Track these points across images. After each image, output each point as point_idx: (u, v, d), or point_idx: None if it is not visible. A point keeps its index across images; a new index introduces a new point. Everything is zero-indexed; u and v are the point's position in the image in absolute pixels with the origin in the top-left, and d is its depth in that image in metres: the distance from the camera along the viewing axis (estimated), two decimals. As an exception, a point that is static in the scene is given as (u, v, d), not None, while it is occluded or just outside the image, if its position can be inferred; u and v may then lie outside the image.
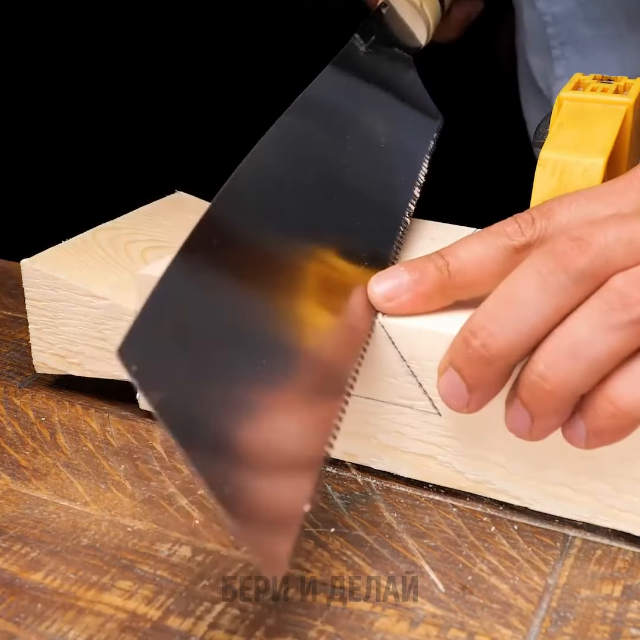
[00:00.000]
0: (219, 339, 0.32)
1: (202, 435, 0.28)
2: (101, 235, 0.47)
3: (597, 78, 0.45)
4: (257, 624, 0.32)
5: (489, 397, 0.34)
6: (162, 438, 0.42)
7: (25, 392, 0.46)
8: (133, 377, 0.27)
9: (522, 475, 0.37)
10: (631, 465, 0.35)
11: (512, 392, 0.33)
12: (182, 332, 0.30)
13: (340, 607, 0.33)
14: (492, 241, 0.36)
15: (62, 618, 0.32)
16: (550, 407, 0.32)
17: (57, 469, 0.40)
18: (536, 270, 0.32)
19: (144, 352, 0.28)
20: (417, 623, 0.32)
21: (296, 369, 0.33)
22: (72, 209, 0.68)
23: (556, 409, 0.32)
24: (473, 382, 0.33)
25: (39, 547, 0.35)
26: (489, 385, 0.34)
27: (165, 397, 0.27)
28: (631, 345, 0.31)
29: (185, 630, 0.32)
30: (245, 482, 0.29)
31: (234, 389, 0.31)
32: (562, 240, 0.32)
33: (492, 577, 0.34)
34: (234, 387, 0.31)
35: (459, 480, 0.38)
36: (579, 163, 0.40)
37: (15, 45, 0.75)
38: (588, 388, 0.32)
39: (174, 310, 0.31)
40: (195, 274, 0.32)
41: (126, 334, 0.27)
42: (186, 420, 0.28)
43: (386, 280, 0.37)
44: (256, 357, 0.32)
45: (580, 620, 0.32)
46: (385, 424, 0.39)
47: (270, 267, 0.36)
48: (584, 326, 0.32)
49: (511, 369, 0.33)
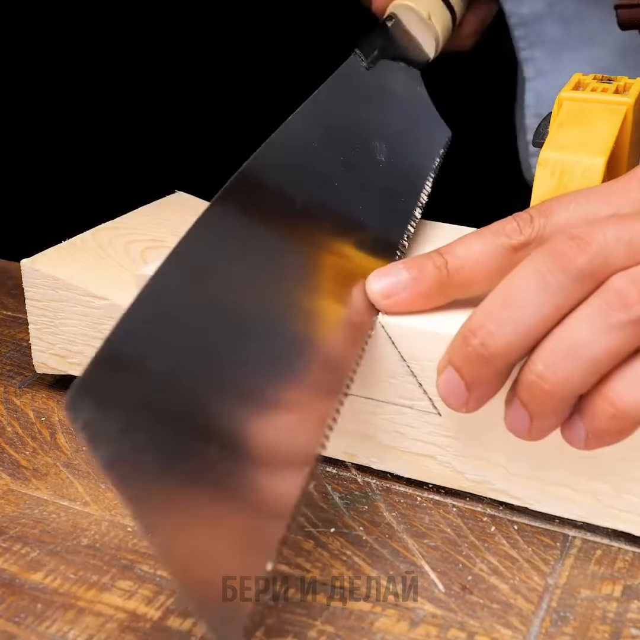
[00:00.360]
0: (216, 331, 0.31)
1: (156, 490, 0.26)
2: (101, 235, 0.47)
3: (597, 78, 0.45)
4: (257, 624, 0.32)
5: (488, 397, 0.34)
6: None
7: (25, 392, 0.46)
8: (79, 431, 0.25)
9: (522, 476, 0.37)
10: (631, 465, 0.35)
11: (512, 392, 0.33)
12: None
13: (340, 607, 0.33)
14: (491, 239, 0.36)
15: (62, 618, 0.32)
16: (549, 407, 0.32)
17: (57, 469, 0.40)
18: (535, 269, 0.32)
19: (91, 405, 0.26)
20: (417, 623, 0.32)
21: (298, 362, 0.33)
22: (72, 209, 0.68)
23: (555, 409, 0.32)
24: (472, 380, 0.33)
25: (39, 547, 0.35)
26: (487, 384, 0.34)
27: (115, 453, 0.26)
28: (630, 345, 0.31)
29: (185, 630, 0.32)
30: (196, 544, 0.27)
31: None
32: (561, 239, 0.32)
33: (492, 577, 0.34)
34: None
35: (459, 481, 0.38)
36: (579, 163, 0.40)
37: (14, 46, 0.75)
38: (587, 388, 0.32)
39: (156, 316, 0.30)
40: (195, 262, 0.32)
41: (71, 388, 0.25)
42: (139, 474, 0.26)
43: (384, 277, 0.37)
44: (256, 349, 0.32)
45: (580, 620, 0.32)
46: (385, 424, 0.39)
47: (279, 255, 0.36)
48: (583, 326, 0.32)
49: (510, 368, 0.33)
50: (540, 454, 0.36)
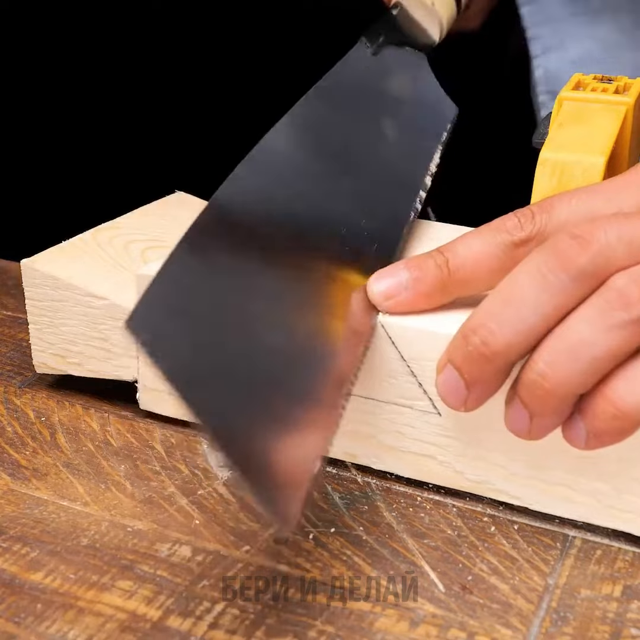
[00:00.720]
0: (225, 319, 0.32)
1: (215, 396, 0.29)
2: (101, 235, 0.47)
3: (597, 78, 0.45)
4: (257, 624, 0.32)
5: (487, 396, 0.34)
6: (162, 438, 0.42)
7: (25, 392, 0.46)
8: (142, 345, 0.27)
9: (522, 476, 0.37)
10: (631, 466, 0.35)
11: (512, 391, 0.33)
12: (189, 307, 0.31)
13: (340, 607, 0.33)
14: (492, 237, 0.36)
15: (62, 618, 0.32)
16: (550, 406, 0.32)
17: (57, 469, 0.40)
18: (536, 268, 0.32)
19: (153, 323, 0.29)
20: (417, 623, 0.32)
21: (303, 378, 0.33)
22: (72, 209, 0.68)
23: (555, 408, 0.32)
24: (471, 379, 0.33)
25: (39, 547, 0.35)
26: (487, 383, 0.34)
27: (174, 364, 0.28)
28: (632, 345, 0.31)
29: (185, 630, 0.32)
30: (259, 440, 0.29)
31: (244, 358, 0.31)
32: (562, 238, 0.32)
33: (492, 577, 0.34)
34: (244, 357, 0.31)
35: (459, 481, 0.38)
36: (579, 163, 0.40)
37: (14, 45, 0.75)
38: (588, 388, 0.32)
39: (181, 288, 0.31)
40: (202, 258, 0.33)
41: (134, 307, 0.28)
42: (199, 384, 0.29)
43: (386, 278, 0.37)
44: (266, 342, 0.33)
45: (580, 620, 0.32)
46: (386, 424, 0.39)
47: (277, 259, 0.36)
48: (584, 326, 0.32)
49: (510, 367, 0.33)
50: (540, 454, 0.36)
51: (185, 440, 0.42)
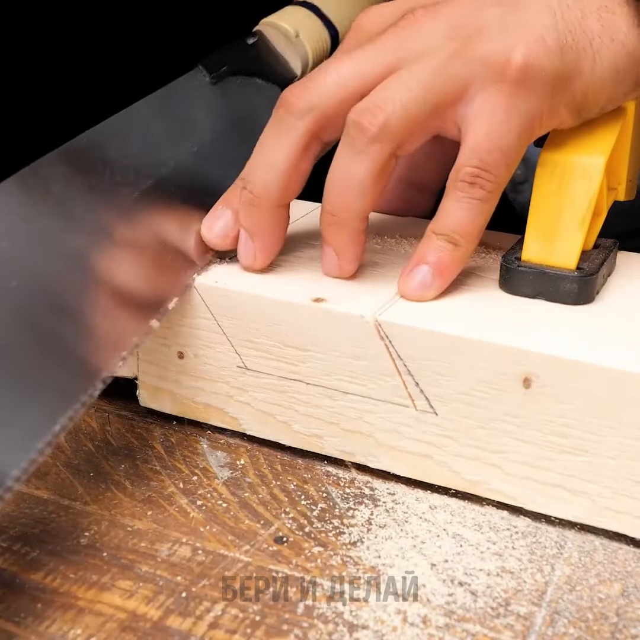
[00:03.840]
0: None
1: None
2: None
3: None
4: (257, 624, 0.32)
5: (270, 245, 0.41)
6: (162, 438, 0.42)
7: (25, 391, 0.46)
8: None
9: (518, 476, 0.37)
10: (626, 467, 0.35)
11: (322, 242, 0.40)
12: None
13: (341, 607, 0.33)
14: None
15: (62, 618, 0.32)
16: (345, 237, 0.39)
17: (57, 468, 0.40)
18: (277, 119, 0.40)
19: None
20: (417, 623, 0.32)
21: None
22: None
23: (351, 237, 0.40)
24: (249, 227, 0.41)
25: (39, 547, 0.35)
26: (261, 228, 0.41)
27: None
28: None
29: (185, 630, 0.32)
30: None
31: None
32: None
33: (492, 577, 0.34)
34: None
35: (456, 480, 0.38)
36: (579, 163, 0.40)
37: (13, 45, 0.75)
38: (372, 208, 0.39)
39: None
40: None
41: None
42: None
43: (217, 220, 0.42)
44: None
45: (580, 620, 0.32)
46: (382, 423, 0.39)
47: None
48: (340, 161, 0.38)
49: (276, 210, 0.40)
50: (536, 454, 0.36)
51: (185, 440, 0.42)
